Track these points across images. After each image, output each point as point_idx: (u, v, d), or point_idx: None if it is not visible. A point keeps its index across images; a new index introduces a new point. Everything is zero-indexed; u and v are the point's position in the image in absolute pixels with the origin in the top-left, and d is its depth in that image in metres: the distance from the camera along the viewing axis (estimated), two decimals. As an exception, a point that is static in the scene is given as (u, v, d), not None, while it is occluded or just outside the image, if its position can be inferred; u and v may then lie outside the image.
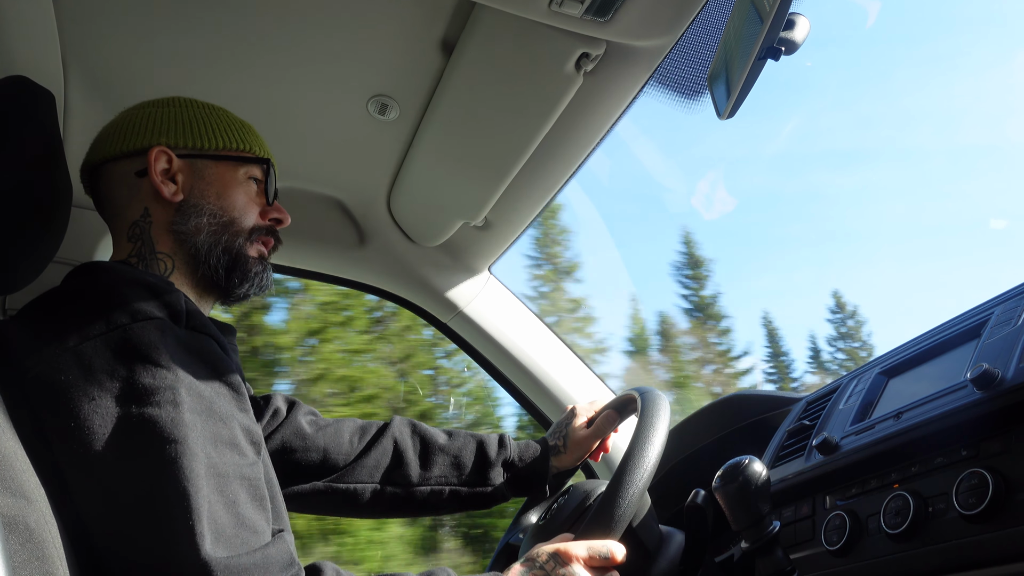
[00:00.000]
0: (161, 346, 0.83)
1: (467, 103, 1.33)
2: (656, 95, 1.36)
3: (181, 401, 0.80)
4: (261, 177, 1.12)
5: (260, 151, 1.13)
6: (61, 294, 0.91)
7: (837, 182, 7.53)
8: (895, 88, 7.87)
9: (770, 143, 6.96)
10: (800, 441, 1.22)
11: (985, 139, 7.63)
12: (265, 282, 1.11)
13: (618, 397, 1.32)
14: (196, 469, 0.77)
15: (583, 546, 0.95)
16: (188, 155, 1.07)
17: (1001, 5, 8.95)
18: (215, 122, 1.10)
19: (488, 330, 1.80)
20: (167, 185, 1.04)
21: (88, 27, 1.22)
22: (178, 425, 0.78)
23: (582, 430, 1.33)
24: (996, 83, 7.89)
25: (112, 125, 1.10)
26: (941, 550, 0.90)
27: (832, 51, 8.51)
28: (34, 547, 0.71)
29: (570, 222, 3.14)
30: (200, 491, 0.76)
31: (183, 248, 1.05)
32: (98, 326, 0.83)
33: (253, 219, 1.10)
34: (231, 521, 0.77)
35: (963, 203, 7.78)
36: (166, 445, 0.77)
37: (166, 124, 1.07)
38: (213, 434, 0.81)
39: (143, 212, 1.04)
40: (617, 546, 0.96)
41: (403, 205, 1.66)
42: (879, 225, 8.19)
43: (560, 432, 1.35)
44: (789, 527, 1.14)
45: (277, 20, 1.23)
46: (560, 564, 0.93)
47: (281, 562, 0.79)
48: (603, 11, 1.08)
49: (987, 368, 0.90)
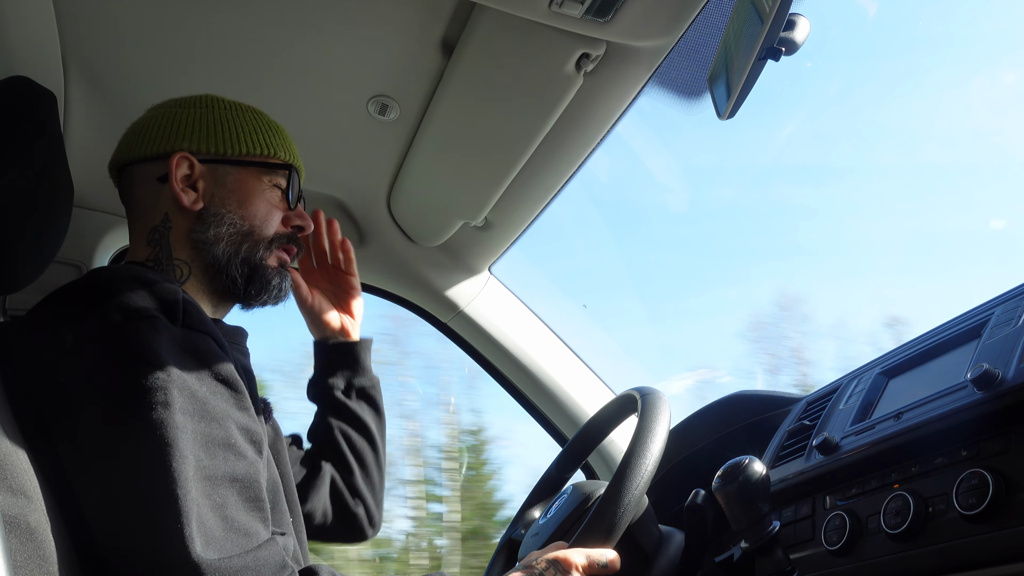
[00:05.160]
0: (154, 345, 0.82)
1: (467, 103, 1.33)
2: (656, 95, 1.36)
3: (172, 402, 0.79)
4: (284, 184, 1.11)
5: (285, 155, 1.12)
6: (60, 295, 0.91)
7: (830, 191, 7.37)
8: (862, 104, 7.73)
9: (740, 154, 6.82)
10: (800, 441, 1.22)
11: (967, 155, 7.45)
12: (283, 292, 1.11)
13: (618, 397, 1.32)
14: (184, 472, 0.76)
15: (582, 554, 0.94)
16: (211, 160, 1.06)
17: (960, 29, 8.91)
18: (240, 126, 1.09)
19: (488, 330, 1.80)
20: (187, 193, 1.04)
21: (88, 27, 1.22)
22: (168, 427, 0.77)
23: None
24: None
25: (138, 125, 1.09)
26: (941, 550, 0.90)
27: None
28: (34, 546, 0.71)
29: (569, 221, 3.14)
30: (188, 494, 0.75)
31: (201, 257, 1.04)
32: (92, 326, 0.83)
33: (274, 227, 1.09)
34: (219, 524, 0.77)
35: (966, 208, 7.68)
36: (155, 447, 0.76)
37: (190, 128, 1.06)
38: (205, 435, 0.81)
39: (163, 218, 1.04)
40: (614, 554, 0.96)
41: (403, 205, 1.66)
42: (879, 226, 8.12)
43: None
44: (789, 527, 1.14)
45: (277, 20, 1.23)
46: (560, 572, 0.93)
47: (273, 565, 0.78)
48: (603, 11, 1.08)
49: (987, 368, 0.90)
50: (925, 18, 3.63)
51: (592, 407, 1.78)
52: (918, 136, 3.87)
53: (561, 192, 1.57)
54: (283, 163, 1.11)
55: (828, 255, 4.07)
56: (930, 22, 3.60)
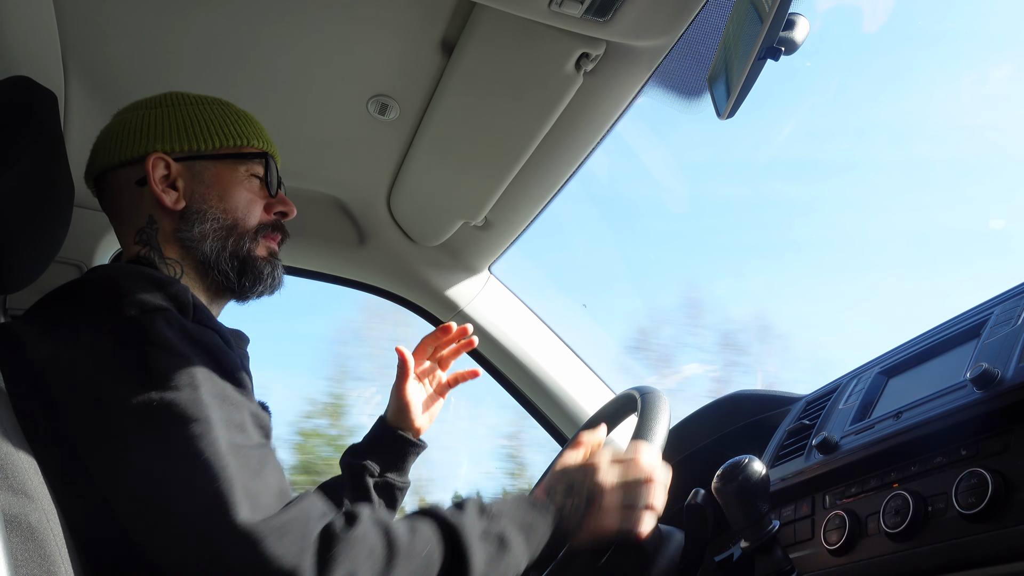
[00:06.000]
0: (170, 335, 0.84)
1: (467, 103, 1.33)
2: (656, 95, 1.36)
3: (198, 384, 0.81)
4: (262, 171, 1.11)
5: (259, 142, 1.11)
6: (67, 293, 0.91)
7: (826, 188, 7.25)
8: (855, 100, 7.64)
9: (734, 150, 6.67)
10: (800, 440, 1.22)
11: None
12: (277, 281, 1.11)
13: (618, 396, 1.32)
14: (221, 443, 0.78)
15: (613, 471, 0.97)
16: (186, 158, 1.06)
17: (952, 24, 8.84)
18: (210, 119, 1.08)
19: (488, 329, 1.80)
20: (168, 193, 1.04)
21: (88, 27, 1.22)
22: (199, 405, 0.79)
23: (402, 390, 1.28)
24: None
25: (108, 131, 1.09)
26: (941, 550, 0.90)
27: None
28: (35, 545, 0.71)
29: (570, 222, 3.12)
30: (228, 463, 0.77)
31: (191, 255, 1.05)
32: (108, 320, 0.84)
33: (257, 217, 1.09)
34: (260, 487, 0.78)
35: (966, 207, 7.62)
36: (190, 424, 0.78)
37: (160, 128, 1.06)
38: (228, 418, 0.82)
39: (148, 220, 1.04)
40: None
41: (403, 205, 1.66)
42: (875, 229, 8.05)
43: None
44: (789, 526, 1.14)
45: (278, 20, 1.23)
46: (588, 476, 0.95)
47: (318, 511, 0.80)
48: (603, 11, 1.08)
49: (987, 368, 0.90)
50: (920, 14, 3.62)
51: (592, 406, 1.78)
52: (912, 133, 3.87)
53: (561, 192, 1.57)
54: (257, 151, 1.11)
55: (823, 251, 4.07)
56: (925, 18, 3.59)
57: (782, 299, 4.50)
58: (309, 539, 0.75)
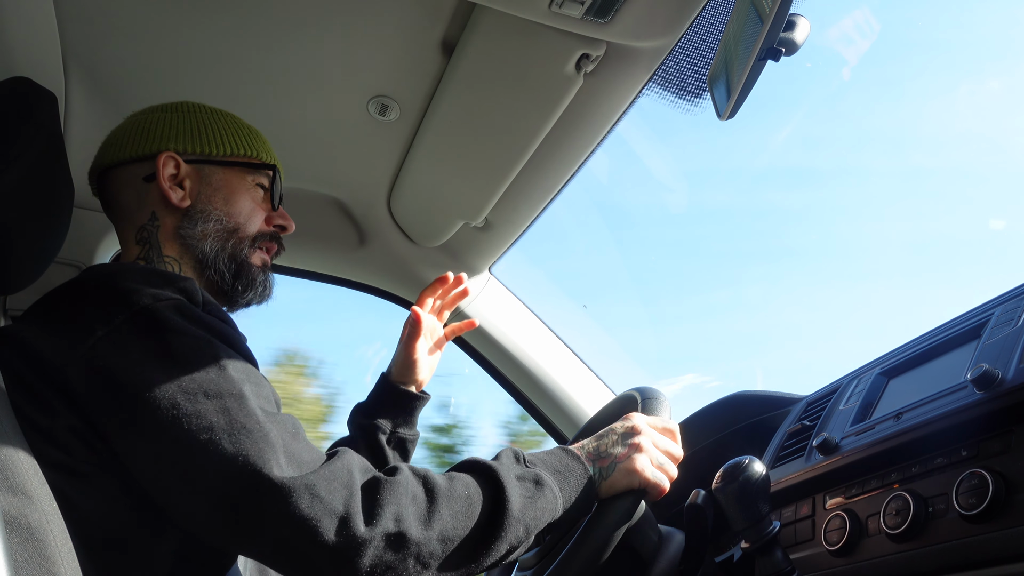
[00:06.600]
0: (186, 320, 0.86)
1: (467, 104, 1.33)
2: (656, 96, 1.36)
3: (225, 364, 0.84)
4: (267, 183, 1.14)
5: (267, 157, 1.14)
6: (70, 291, 0.91)
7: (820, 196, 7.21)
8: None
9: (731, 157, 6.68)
10: (800, 441, 1.22)
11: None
12: (268, 291, 1.14)
13: (618, 397, 1.32)
14: (258, 413, 0.81)
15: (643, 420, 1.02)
16: (196, 160, 1.08)
17: (944, 34, 8.79)
18: (223, 128, 1.11)
19: (488, 330, 1.80)
20: (175, 191, 1.06)
21: (88, 27, 1.22)
22: (231, 382, 0.83)
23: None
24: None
25: (121, 129, 1.11)
26: (941, 550, 0.90)
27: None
28: (35, 546, 0.71)
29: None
30: (269, 430, 0.81)
31: (189, 253, 1.06)
32: (121, 312, 0.85)
33: (258, 225, 1.12)
34: (300, 447, 0.82)
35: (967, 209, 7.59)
36: (226, 399, 0.81)
37: (175, 129, 1.08)
38: (256, 391, 0.86)
39: (151, 216, 1.06)
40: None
41: (403, 205, 1.66)
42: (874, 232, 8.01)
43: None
44: (789, 527, 1.14)
45: (278, 21, 1.23)
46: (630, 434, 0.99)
47: (359, 463, 0.84)
48: (603, 12, 1.08)
49: (987, 368, 0.90)
50: (917, 22, 3.61)
51: (592, 407, 1.78)
52: (908, 140, 3.86)
53: (561, 193, 1.57)
54: (266, 163, 1.14)
55: (821, 257, 4.06)
56: (921, 27, 3.59)
57: (779, 305, 4.49)
58: (355, 487, 0.80)
